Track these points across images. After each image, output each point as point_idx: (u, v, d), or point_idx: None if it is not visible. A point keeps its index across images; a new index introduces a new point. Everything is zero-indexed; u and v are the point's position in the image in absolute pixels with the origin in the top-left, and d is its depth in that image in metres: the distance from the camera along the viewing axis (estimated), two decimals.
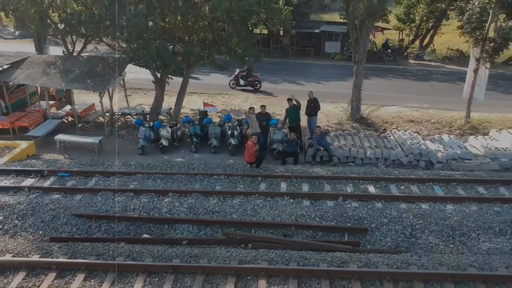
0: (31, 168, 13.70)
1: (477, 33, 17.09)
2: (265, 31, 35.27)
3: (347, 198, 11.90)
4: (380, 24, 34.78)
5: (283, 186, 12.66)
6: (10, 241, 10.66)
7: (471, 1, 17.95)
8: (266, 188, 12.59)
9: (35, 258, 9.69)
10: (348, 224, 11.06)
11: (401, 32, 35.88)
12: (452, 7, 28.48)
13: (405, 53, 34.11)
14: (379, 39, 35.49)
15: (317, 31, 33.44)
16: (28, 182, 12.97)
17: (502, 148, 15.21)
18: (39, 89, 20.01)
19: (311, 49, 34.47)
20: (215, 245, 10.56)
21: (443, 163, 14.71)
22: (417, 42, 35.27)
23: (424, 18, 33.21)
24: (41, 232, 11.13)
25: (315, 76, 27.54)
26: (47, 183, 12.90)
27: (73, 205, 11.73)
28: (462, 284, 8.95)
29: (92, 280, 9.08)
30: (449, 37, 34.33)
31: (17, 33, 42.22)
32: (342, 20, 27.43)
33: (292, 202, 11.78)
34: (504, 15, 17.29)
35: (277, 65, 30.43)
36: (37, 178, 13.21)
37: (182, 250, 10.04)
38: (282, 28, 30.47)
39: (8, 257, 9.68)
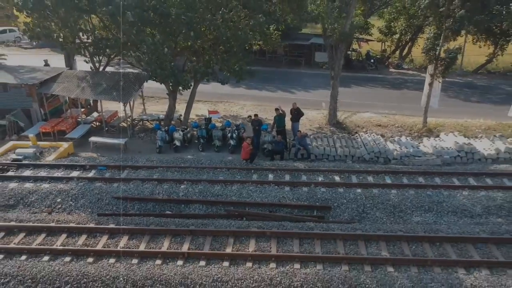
0: (76, 163, 17.65)
1: (431, 54, 21.05)
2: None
3: (318, 185, 15.86)
4: (364, 36, 38.83)
5: (270, 176, 16.62)
6: (69, 216, 14.60)
7: (428, 27, 21.90)
8: (257, 178, 16.54)
9: (92, 225, 13.66)
10: (317, 204, 15.02)
11: (383, 43, 39.81)
12: (427, 23, 32.38)
13: (386, 63, 38.04)
14: (364, 49, 39.46)
15: (307, 43, 37.33)
16: (75, 174, 16.91)
17: (446, 148, 19.17)
18: (68, 98, 23.87)
19: (302, 58, 38.35)
20: (219, 218, 14.51)
21: (398, 159, 18.66)
22: (397, 53, 39.17)
23: (403, 31, 37.10)
24: (90, 210, 15.07)
25: (305, 84, 31.37)
26: (90, 175, 16.84)
27: (112, 191, 15.69)
28: (392, 242, 12.93)
29: (134, 240, 13.05)
30: None
31: (34, 43, 45.88)
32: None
33: (276, 188, 15.75)
34: (452, 40, 21.17)
35: (272, 74, 34.24)
36: (81, 171, 17.16)
37: (196, 221, 14.00)
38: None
39: (73, 225, 13.65)
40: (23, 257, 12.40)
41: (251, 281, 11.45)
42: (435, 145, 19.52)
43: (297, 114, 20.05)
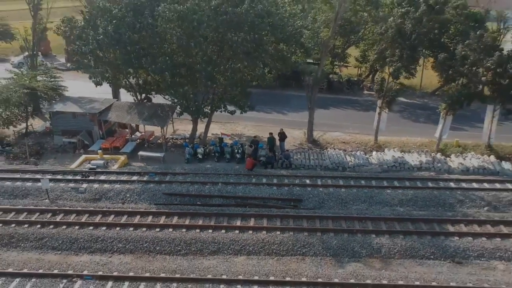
0: (133, 171, 26.31)
1: (379, 93, 29.67)
2: None
3: (294, 186, 24.52)
4: (342, 64, 47.40)
5: (264, 180, 25.28)
6: (137, 205, 23.24)
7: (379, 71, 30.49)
8: (255, 180, 25.18)
9: (154, 210, 22.36)
10: (293, 197, 23.68)
11: (359, 68, 48.40)
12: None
13: (361, 85, 46.63)
14: (344, 72, 48.02)
15: (297, 69, 45.80)
16: (135, 178, 25.54)
17: (386, 159, 27.84)
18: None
19: (292, 81, 46.75)
20: (231, 206, 23.16)
21: (351, 168, 27.31)
22: (371, 77, 47.72)
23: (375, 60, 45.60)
24: (149, 201, 23.70)
25: (295, 106, 39.19)
26: (145, 178, 25.47)
27: (162, 189, 24.33)
28: (336, 220, 21.59)
29: (181, 219, 21.72)
30: None
31: (68, 64, 54.35)
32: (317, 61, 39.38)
33: (267, 187, 24.42)
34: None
35: (268, 96, 42.50)
36: (138, 176, 25.78)
37: (217, 208, 22.67)
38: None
39: (141, 210, 22.33)
40: (118, 228, 21.08)
41: (252, 241, 20.14)
42: (379, 158, 28.19)
43: (282, 136, 28.71)
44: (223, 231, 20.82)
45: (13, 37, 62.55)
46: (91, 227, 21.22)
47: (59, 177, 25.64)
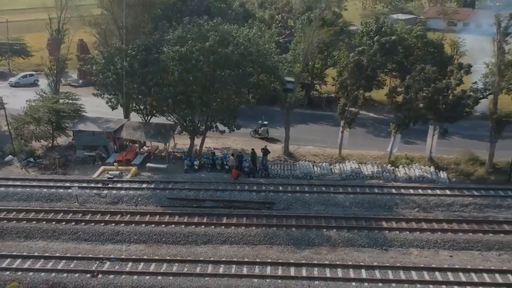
0: (143, 180, 33.17)
1: (341, 115, 36.51)
2: None
3: (269, 192, 31.41)
4: (320, 83, 54.25)
5: (246, 187, 32.15)
6: (147, 207, 30.11)
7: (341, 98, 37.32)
8: (239, 187, 32.06)
9: (160, 210, 29.26)
10: (268, 201, 30.58)
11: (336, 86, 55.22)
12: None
13: (338, 102, 53.41)
14: (324, 89, 54.88)
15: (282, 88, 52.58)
16: (145, 185, 32.40)
17: (345, 170, 34.69)
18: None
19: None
20: (220, 208, 30.03)
21: (317, 177, 34.16)
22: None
23: None
24: (156, 204, 30.57)
25: (278, 122, 44.61)
26: (152, 186, 32.33)
27: (166, 194, 31.22)
28: (298, 218, 28.48)
29: (182, 217, 28.60)
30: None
31: (80, 81, 61.08)
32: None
33: (248, 192, 31.30)
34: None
35: (254, 111, 48.80)
36: (147, 184, 32.63)
37: (208, 209, 29.55)
38: None
39: (150, 211, 29.22)
40: (133, 225, 27.96)
41: (234, 234, 27.04)
42: (340, 168, 35.05)
43: (265, 152, 35.56)
44: (213, 226, 27.70)
45: (29, 53, 69.63)
46: (113, 224, 28.09)
47: (84, 185, 32.49)
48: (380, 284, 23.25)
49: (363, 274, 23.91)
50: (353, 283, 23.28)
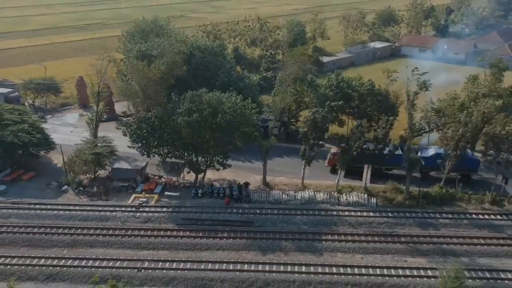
0: (163, 205, 48.17)
1: (303, 156, 51.40)
2: None
3: (250, 214, 46.43)
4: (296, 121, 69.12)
5: (234, 210, 47.15)
6: (167, 225, 45.11)
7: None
8: (229, 210, 47.06)
9: (176, 227, 44.31)
10: (248, 220, 45.59)
11: None
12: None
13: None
14: (300, 124, 69.70)
15: (266, 124, 67.44)
16: (165, 209, 47.40)
17: (303, 196, 49.60)
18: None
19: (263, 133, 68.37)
20: (215, 225, 45.03)
21: (284, 202, 49.08)
22: None
23: None
24: (173, 223, 45.58)
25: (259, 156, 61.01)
26: (170, 209, 47.33)
27: (180, 215, 46.26)
28: (269, 233, 43.51)
29: (190, 232, 43.63)
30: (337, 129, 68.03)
31: (105, 116, 75.65)
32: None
33: (235, 214, 46.33)
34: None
35: (244, 147, 64.05)
36: (166, 208, 47.61)
37: (207, 226, 44.56)
38: None
39: (169, 227, 44.25)
40: (159, 238, 42.94)
41: (224, 244, 42.13)
42: (301, 195, 49.99)
43: (246, 185, 50.49)
44: (211, 239, 42.65)
45: (60, 91, 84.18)
46: (146, 237, 43.05)
47: (123, 209, 47.44)
48: (313, 276, 38.18)
49: (303, 268, 38.87)
50: (296, 275, 38.24)
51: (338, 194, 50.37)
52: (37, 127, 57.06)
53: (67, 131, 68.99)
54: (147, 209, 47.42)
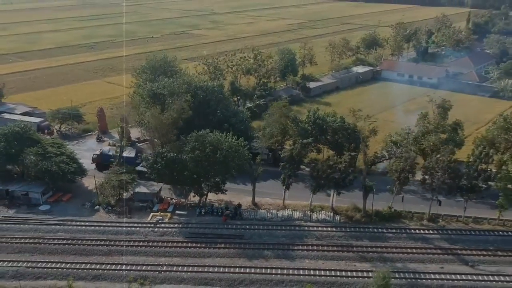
0: (175, 222, 62.70)
1: (284, 181, 65.83)
2: None
3: (241, 229, 60.96)
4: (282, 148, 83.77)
5: (229, 226, 61.64)
6: (178, 238, 59.63)
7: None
8: (225, 226, 61.55)
9: (185, 240, 58.89)
10: (239, 234, 60.13)
11: None
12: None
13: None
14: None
15: (257, 151, 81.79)
16: (176, 225, 61.91)
17: (284, 215, 64.17)
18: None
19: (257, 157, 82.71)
20: (215, 238, 59.57)
21: (268, 219, 63.53)
22: None
23: None
24: (183, 236, 60.11)
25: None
26: (180, 225, 61.84)
27: (188, 230, 60.81)
28: (255, 244, 58.09)
29: (196, 243, 58.20)
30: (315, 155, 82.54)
31: (122, 142, 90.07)
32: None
33: (230, 229, 60.84)
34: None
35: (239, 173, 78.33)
36: (177, 224, 62.13)
37: (208, 239, 59.15)
38: None
39: (180, 240, 58.83)
40: (173, 248, 57.48)
41: (222, 252, 56.70)
42: (282, 214, 64.45)
43: (239, 206, 64.98)
44: (212, 248, 57.09)
45: (82, 119, 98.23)
46: (163, 247, 57.54)
47: (144, 225, 61.93)
48: (285, 276, 52.63)
49: (279, 271, 53.36)
50: (273, 275, 52.70)
51: (311, 213, 64.82)
52: (73, 158, 71.52)
53: (91, 156, 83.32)
54: (163, 225, 61.90)
